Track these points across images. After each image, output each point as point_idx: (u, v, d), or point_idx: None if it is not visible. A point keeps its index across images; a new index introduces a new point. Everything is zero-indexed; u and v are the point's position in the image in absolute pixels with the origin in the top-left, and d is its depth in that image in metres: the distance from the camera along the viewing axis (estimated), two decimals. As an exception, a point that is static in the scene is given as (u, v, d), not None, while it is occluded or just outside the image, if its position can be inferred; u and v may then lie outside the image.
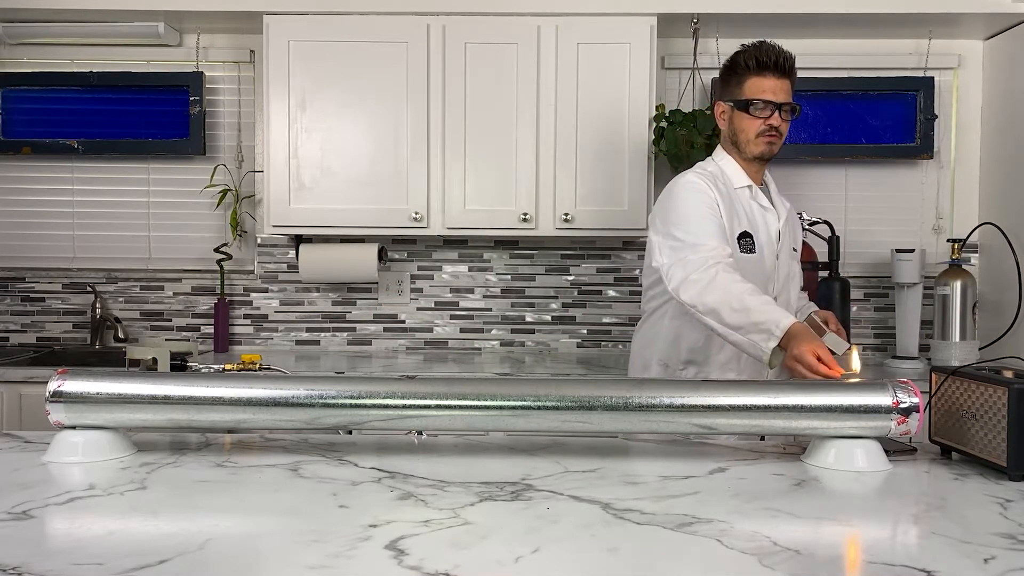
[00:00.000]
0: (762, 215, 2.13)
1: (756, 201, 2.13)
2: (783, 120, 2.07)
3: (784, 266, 2.15)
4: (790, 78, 2.08)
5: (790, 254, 2.18)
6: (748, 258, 2.05)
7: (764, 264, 2.10)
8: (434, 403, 1.43)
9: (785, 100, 2.06)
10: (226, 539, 1.07)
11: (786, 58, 2.06)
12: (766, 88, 2.05)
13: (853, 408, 1.40)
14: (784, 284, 2.16)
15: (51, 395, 1.43)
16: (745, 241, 2.07)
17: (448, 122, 2.91)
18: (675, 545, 1.06)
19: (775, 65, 2.05)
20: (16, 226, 3.31)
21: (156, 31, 3.07)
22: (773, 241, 2.13)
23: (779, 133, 2.08)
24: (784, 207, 2.20)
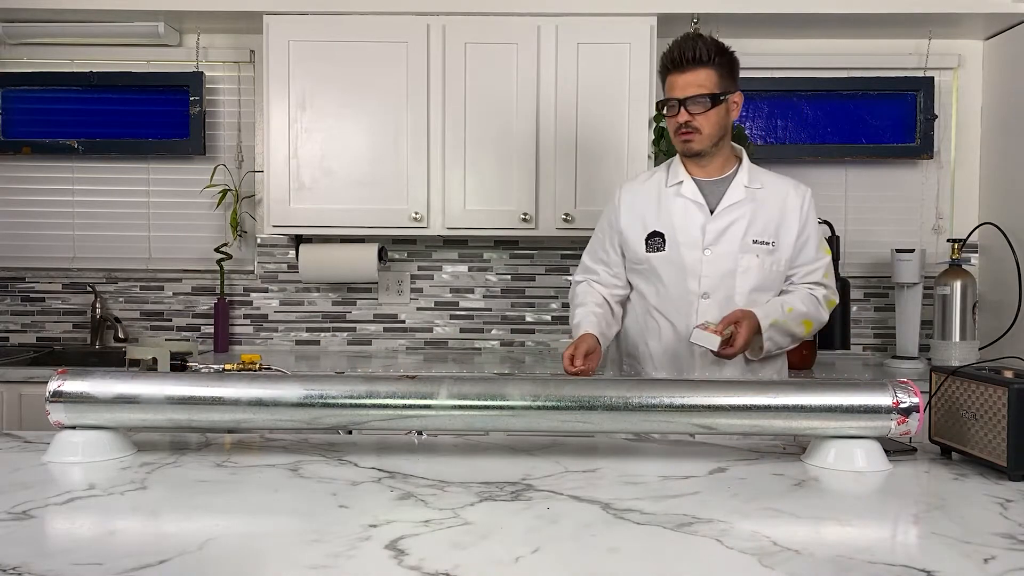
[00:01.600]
0: (684, 212, 2.08)
1: (684, 196, 2.08)
2: (693, 115, 1.99)
3: (722, 261, 2.04)
4: (701, 67, 1.98)
5: (743, 247, 2.05)
6: (659, 256, 2.09)
7: (682, 261, 2.06)
8: (434, 403, 1.43)
9: (692, 93, 1.98)
10: (226, 539, 1.07)
11: (688, 50, 1.97)
12: (674, 86, 2.01)
13: (853, 408, 1.40)
14: (722, 281, 2.05)
15: (51, 395, 1.43)
16: (654, 240, 2.10)
17: (448, 122, 2.91)
18: (675, 545, 1.06)
19: (675, 61, 1.99)
20: (16, 226, 3.31)
21: (156, 31, 3.07)
22: (695, 236, 2.06)
23: (695, 128, 2.00)
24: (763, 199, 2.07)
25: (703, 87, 1.99)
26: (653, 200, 2.12)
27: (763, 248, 2.06)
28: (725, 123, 2.05)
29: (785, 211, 2.09)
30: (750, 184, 2.09)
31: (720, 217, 2.07)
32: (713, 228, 2.06)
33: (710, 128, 2.02)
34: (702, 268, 2.06)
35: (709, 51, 1.99)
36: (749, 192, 2.08)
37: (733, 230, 2.06)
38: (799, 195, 2.12)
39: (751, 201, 2.08)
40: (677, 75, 2.00)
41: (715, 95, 1.99)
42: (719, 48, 2.02)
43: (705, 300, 2.06)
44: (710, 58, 1.99)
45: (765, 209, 2.08)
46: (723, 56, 2.02)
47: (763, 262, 2.06)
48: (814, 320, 2.10)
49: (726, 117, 2.05)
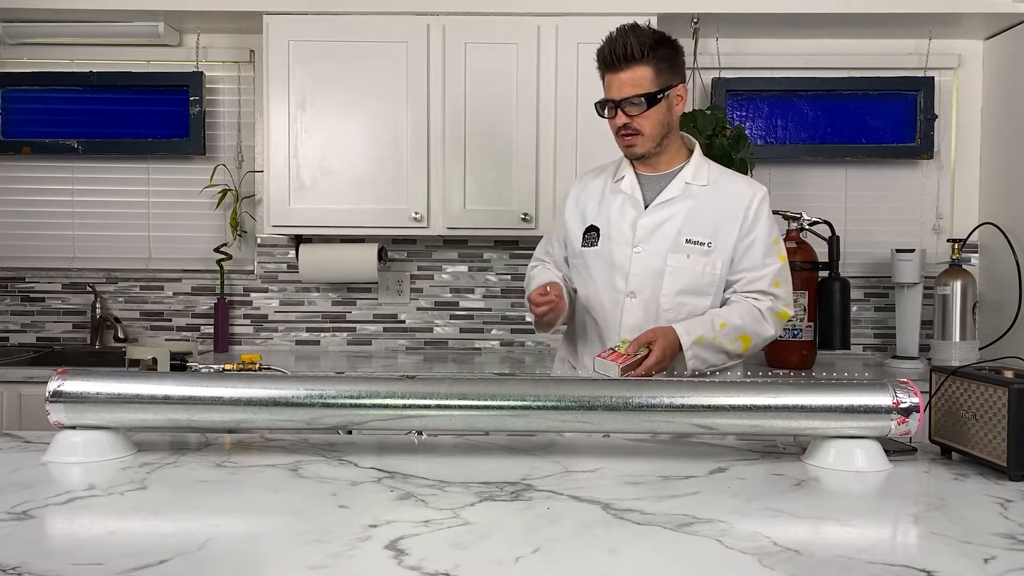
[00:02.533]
0: (620, 207, 1.99)
1: (622, 191, 2.01)
2: (631, 116, 1.88)
3: (651, 259, 1.94)
4: (637, 64, 1.85)
5: (674, 246, 1.93)
6: (591, 251, 2.02)
7: (612, 256, 1.97)
8: (434, 403, 1.43)
9: (629, 93, 1.86)
10: (226, 539, 1.07)
11: (620, 48, 1.84)
12: (610, 86, 1.90)
13: (853, 408, 1.40)
14: (649, 280, 1.94)
15: (51, 395, 1.43)
16: (589, 235, 2.03)
17: (448, 122, 2.91)
18: (675, 545, 1.06)
19: (607, 60, 1.87)
20: (16, 226, 3.31)
21: (156, 31, 3.07)
22: (626, 233, 1.96)
23: (635, 130, 1.89)
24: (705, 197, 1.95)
25: (639, 86, 1.86)
26: (597, 194, 2.06)
27: (697, 248, 1.93)
28: (668, 120, 1.92)
29: (728, 211, 1.95)
30: (694, 180, 1.97)
31: (652, 213, 1.96)
32: (644, 224, 1.95)
33: (651, 128, 1.90)
34: (630, 266, 1.95)
35: (643, 46, 1.84)
36: (689, 188, 1.96)
37: (665, 228, 1.95)
38: (747, 195, 1.96)
39: (690, 198, 1.95)
40: (612, 74, 1.88)
41: (652, 94, 1.86)
42: (657, 40, 1.88)
43: (631, 300, 1.96)
44: (644, 53, 1.84)
45: (706, 207, 1.95)
46: (661, 48, 1.88)
47: (695, 263, 1.93)
48: (753, 336, 1.92)
49: (668, 114, 1.92)
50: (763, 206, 1.97)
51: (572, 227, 2.08)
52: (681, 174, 1.98)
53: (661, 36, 1.90)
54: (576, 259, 2.07)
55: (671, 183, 1.97)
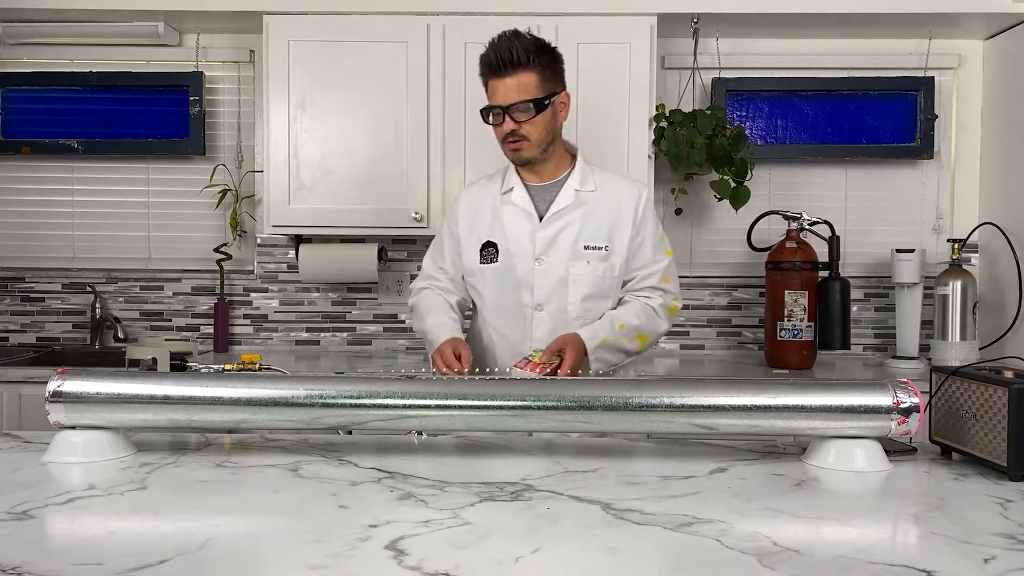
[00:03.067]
0: (515, 220, 2.01)
1: (514, 204, 2.01)
2: (519, 122, 1.89)
3: (554, 270, 1.98)
4: (522, 70, 1.86)
5: (574, 254, 1.97)
6: (491, 268, 2.03)
7: (514, 272, 2.00)
8: (434, 403, 1.43)
9: (515, 99, 1.86)
10: (226, 539, 1.07)
11: (506, 53, 1.85)
12: (495, 92, 1.90)
13: (853, 408, 1.40)
14: (555, 291, 1.98)
15: (51, 395, 1.43)
16: (487, 251, 2.03)
17: (448, 122, 2.91)
18: (675, 545, 1.06)
19: (493, 65, 1.88)
20: (16, 226, 3.31)
21: (156, 31, 3.07)
22: (526, 247, 1.99)
23: (522, 136, 1.91)
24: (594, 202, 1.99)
25: (526, 92, 1.88)
26: (488, 208, 2.05)
27: (596, 254, 1.98)
28: (553, 126, 1.96)
29: (619, 213, 2.00)
30: (582, 187, 2.01)
31: (549, 224, 1.99)
32: (543, 236, 1.99)
33: (538, 134, 1.93)
34: (534, 279, 1.99)
35: (528, 52, 1.87)
36: (580, 196, 2.00)
37: (563, 237, 1.98)
38: (634, 195, 2.02)
39: (581, 205, 2.00)
40: (497, 80, 1.89)
41: (539, 100, 1.89)
42: (540, 46, 1.91)
43: (539, 312, 1.99)
44: (530, 60, 1.87)
45: (597, 212, 2.00)
46: (545, 55, 1.91)
47: (595, 268, 1.98)
48: (649, 333, 2.00)
49: (554, 120, 1.96)
50: (649, 204, 2.05)
51: (468, 243, 2.07)
52: (569, 182, 2.02)
53: (543, 43, 1.93)
54: (474, 277, 2.07)
55: (561, 192, 2.01)
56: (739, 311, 3.29)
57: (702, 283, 3.28)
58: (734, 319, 3.29)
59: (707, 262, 3.29)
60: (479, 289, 2.07)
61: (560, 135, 2.02)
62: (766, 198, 3.20)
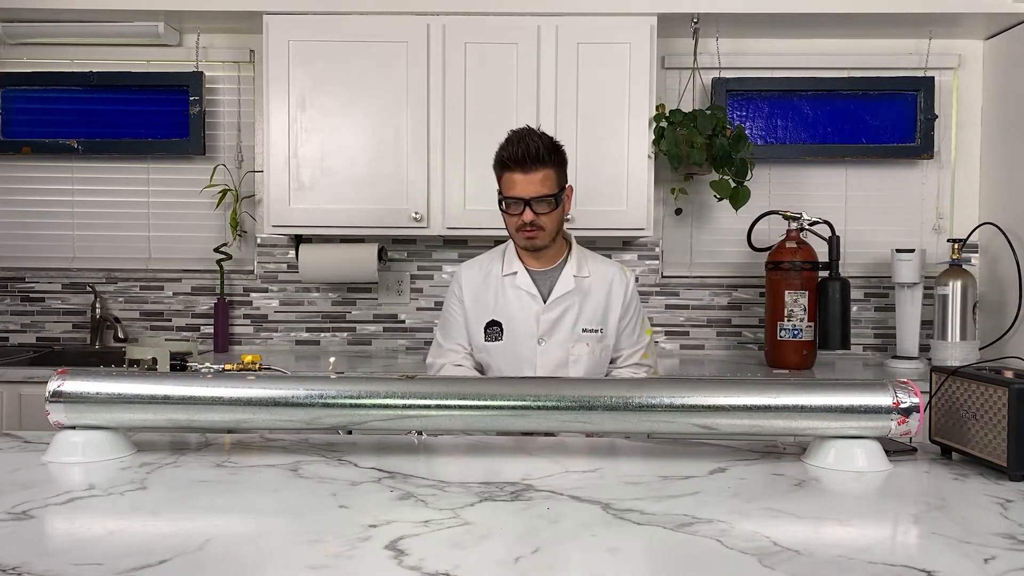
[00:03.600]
0: (519, 302, 2.11)
1: (519, 286, 2.12)
2: (537, 214, 2.01)
3: (555, 351, 2.09)
4: (543, 167, 2.00)
5: (574, 336, 2.10)
6: (496, 346, 2.12)
7: (518, 349, 2.10)
8: (434, 403, 1.43)
9: (536, 193, 1.99)
10: (226, 539, 1.07)
11: (529, 150, 1.98)
12: (515, 184, 2.02)
13: (853, 408, 1.40)
14: (555, 370, 2.10)
15: (51, 395, 1.43)
16: (492, 329, 2.14)
17: (448, 122, 2.91)
18: (675, 545, 1.06)
19: (515, 160, 2.00)
20: (16, 226, 3.31)
21: (156, 31, 3.07)
22: (531, 327, 2.10)
23: (539, 226, 2.03)
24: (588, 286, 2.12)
25: (546, 187, 2.01)
26: (492, 288, 2.16)
27: (593, 336, 2.12)
28: (561, 217, 2.09)
29: (610, 297, 2.15)
30: (579, 273, 2.13)
31: (552, 308, 2.11)
32: (546, 319, 2.10)
33: (552, 225, 2.05)
34: (537, 359, 2.10)
35: (548, 150, 2.01)
36: (577, 281, 2.13)
37: (565, 320, 2.11)
38: (622, 282, 2.17)
39: (580, 291, 2.12)
40: (520, 174, 2.01)
41: (556, 195, 2.03)
42: (555, 145, 2.05)
43: None
44: (550, 156, 2.01)
45: (592, 297, 2.13)
46: (558, 153, 2.05)
47: (593, 349, 2.12)
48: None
49: (562, 212, 2.08)
50: (634, 289, 2.20)
51: (474, 318, 2.16)
52: (567, 268, 2.14)
53: (556, 142, 2.07)
54: (480, 353, 2.17)
55: (560, 278, 2.14)
56: (739, 311, 3.29)
57: (702, 283, 3.28)
58: (734, 319, 3.29)
59: (707, 262, 3.29)
60: (486, 362, 2.18)
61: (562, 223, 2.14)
62: (766, 198, 3.20)
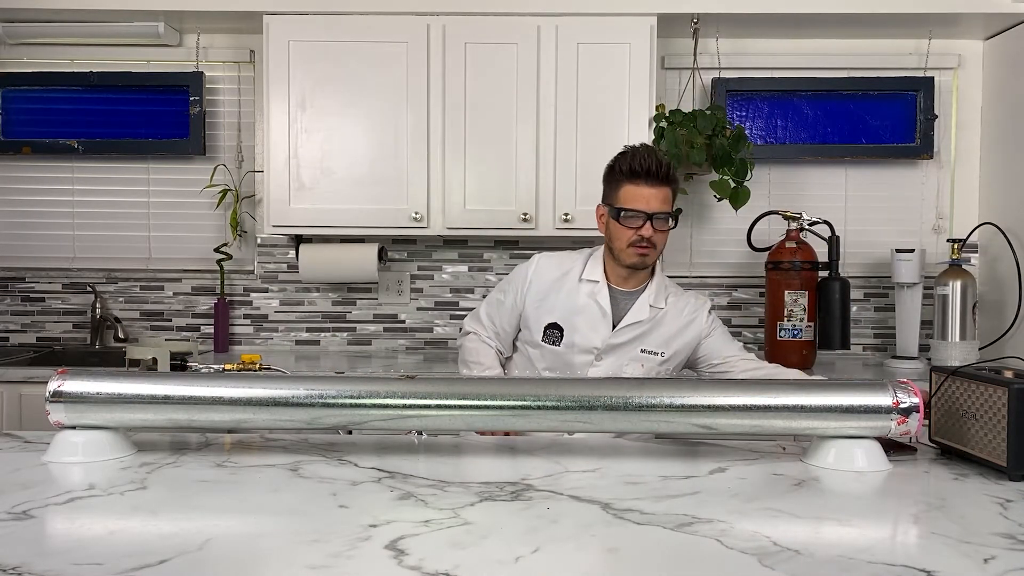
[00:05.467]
0: (590, 316, 2.08)
1: (595, 300, 2.08)
2: (656, 230, 2.00)
3: (608, 367, 2.08)
4: (668, 186, 2.00)
5: (631, 357, 2.08)
6: (551, 349, 2.10)
7: (571, 359, 2.08)
8: (434, 403, 1.43)
9: (659, 209, 1.99)
10: (226, 539, 1.07)
11: (661, 166, 1.98)
12: (639, 197, 1.99)
13: (853, 408, 1.40)
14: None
15: (51, 395, 1.43)
16: (551, 332, 2.10)
17: (448, 122, 2.91)
18: (675, 545, 1.06)
19: (648, 173, 1.98)
20: (16, 226, 3.31)
21: (156, 31, 3.07)
22: (592, 343, 2.07)
23: (652, 244, 2.01)
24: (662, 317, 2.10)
25: (667, 204, 2.00)
26: (564, 289, 2.11)
27: (652, 358, 2.10)
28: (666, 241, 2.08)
29: (685, 330, 2.12)
30: (655, 303, 2.10)
31: (621, 333, 2.08)
32: (612, 342, 2.08)
33: (663, 244, 2.04)
34: (588, 370, 2.09)
35: (671, 169, 2.02)
36: (652, 311, 2.10)
37: (628, 345, 2.09)
38: (699, 312, 2.14)
39: (651, 320, 2.09)
40: (646, 187, 1.99)
41: (675, 214, 2.03)
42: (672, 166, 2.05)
43: None
44: (672, 175, 2.02)
45: (663, 327, 2.10)
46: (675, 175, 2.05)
47: (648, 369, 2.09)
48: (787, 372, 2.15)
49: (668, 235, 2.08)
50: (712, 318, 2.16)
51: (533, 315, 2.12)
52: (644, 295, 2.11)
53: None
54: (532, 348, 2.14)
55: (636, 303, 2.10)
56: (739, 311, 3.29)
57: (702, 283, 3.28)
58: (734, 319, 3.29)
59: (707, 262, 3.29)
60: (531, 356, 2.15)
61: None
62: (766, 198, 3.20)
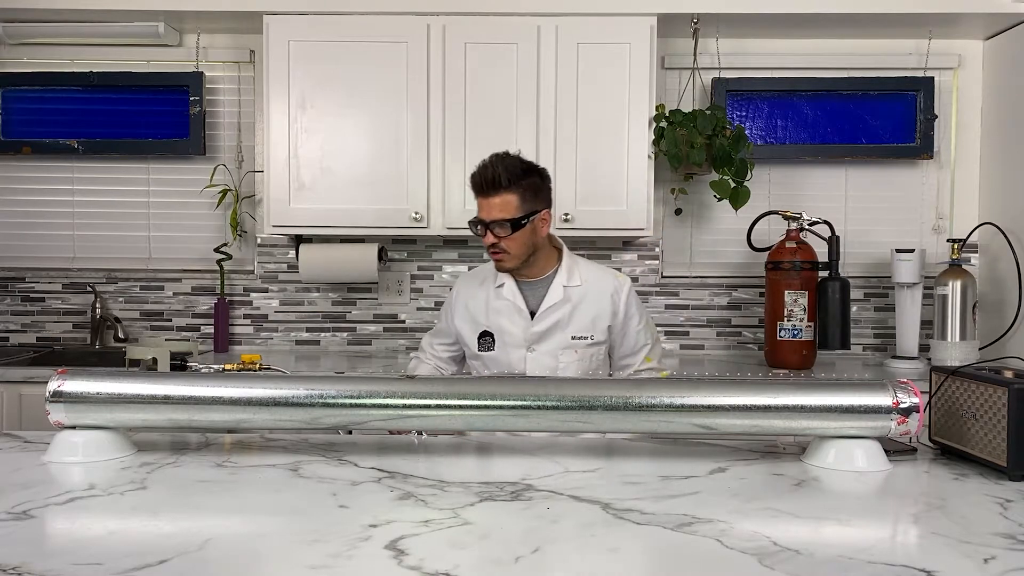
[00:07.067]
0: (508, 313, 2.15)
1: (508, 297, 2.15)
2: (498, 237, 2.03)
3: (544, 359, 2.12)
4: (503, 193, 2.01)
5: (563, 344, 2.12)
6: (489, 355, 2.18)
7: (509, 358, 2.14)
8: (434, 403, 1.43)
9: (496, 217, 2.01)
10: (226, 539, 1.07)
11: (489, 176, 2.01)
12: (480, 207, 2.06)
13: (853, 408, 1.40)
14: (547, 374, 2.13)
15: (51, 395, 1.43)
16: (484, 340, 2.19)
17: (448, 122, 2.91)
18: (675, 545, 1.06)
19: (479, 186, 2.04)
20: (16, 226, 3.31)
21: (156, 31, 3.07)
22: (519, 338, 2.13)
23: (503, 249, 2.05)
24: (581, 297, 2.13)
25: (505, 212, 2.02)
26: (483, 300, 2.19)
27: (582, 342, 2.14)
28: (533, 241, 2.08)
29: (603, 305, 2.15)
30: (569, 282, 2.14)
31: (541, 320, 2.13)
32: (535, 331, 2.13)
33: (517, 249, 2.06)
34: (526, 366, 2.14)
35: (511, 175, 2.01)
36: (567, 291, 2.13)
37: (554, 331, 2.13)
38: (617, 288, 2.16)
39: (569, 300, 2.13)
40: (482, 198, 2.05)
41: (517, 219, 2.02)
42: (525, 169, 2.05)
43: None
44: (511, 182, 2.01)
45: (584, 305, 2.14)
46: (527, 178, 2.05)
47: (583, 355, 2.14)
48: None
49: (533, 235, 2.08)
50: (631, 296, 2.19)
51: (465, 330, 2.21)
52: (557, 279, 2.15)
53: (528, 166, 2.08)
54: (475, 360, 2.23)
55: (550, 289, 2.15)
56: (739, 311, 3.29)
57: (702, 283, 3.28)
58: (734, 319, 3.29)
59: (707, 262, 3.29)
60: (479, 369, 2.24)
61: (544, 243, 2.13)
62: (766, 198, 3.20)
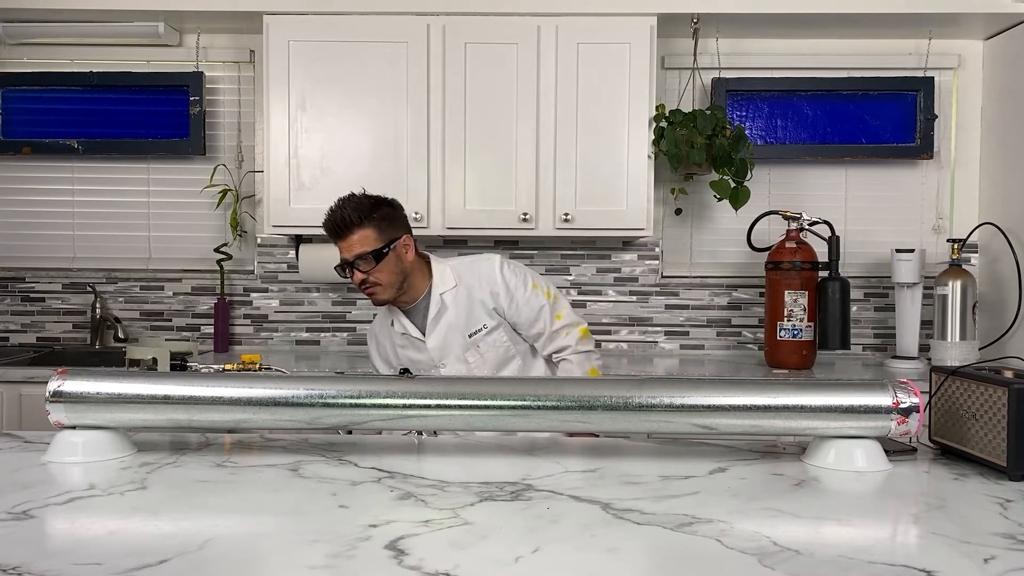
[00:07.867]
0: (409, 345, 2.19)
1: (400, 332, 2.19)
2: (366, 272, 2.07)
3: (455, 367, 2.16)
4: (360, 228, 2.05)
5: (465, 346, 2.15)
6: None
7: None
8: (434, 403, 1.43)
9: (356, 253, 2.05)
10: (226, 539, 1.07)
11: (338, 218, 2.05)
12: (341, 251, 2.10)
13: (853, 408, 1.40)
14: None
15: (51, 395, 1.43)
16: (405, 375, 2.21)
17: (448, 122, 2.91)
18: (675, 545, 1.06)
19: (329, 231, 2.09)
20: (16, 226, 3.31)
21: (156, 31, 3.07)
22: (427, 361, 2.18)
23: (374, 283, 2.08)
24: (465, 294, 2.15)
25: (364, 245, 2.06)
26: (388, 341, 2.25)
27: (481, 335, 2.16)
28: (400, 268, 2.11)
29: (483, 289, 2.16)
30: (444, 288, 2.16)
31: (431, 336, 2.16)
32: (433, 347, 2.17)
33: (387, 278, 2.09)
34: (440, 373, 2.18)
35: (361, 212, 2.05)
36: (445, 298, 2.16)
37: (450, 339, 2.16)
38: (489, 269, 2.17)
39: (453, 304, 2.16)
40: (340, 241, 2.09)
41: (379, 250, 2.06)
42: (373, 203, 2.08)
43: None
44: (361, 218, 2.05)
45: (466, 301, 2.16)
46: (379, 209, 2.08)
47: (487, 347, 2.16)
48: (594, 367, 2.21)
49: (399, 262, 2.10)
50: (504, 269, 2.18)
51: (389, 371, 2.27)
52: (433, 291, 2.17)
53: (376, 200, 2.11)
54: None
55: (430, 303, 2.17)
56: (739, 311, 3.29)
57: (702, 283, 3.28)
58: (734, 319, 3.29)
59: (707, 262, 3.29)
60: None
61: (412, 267, 2.15)
62: (766, 198, 3.20)
